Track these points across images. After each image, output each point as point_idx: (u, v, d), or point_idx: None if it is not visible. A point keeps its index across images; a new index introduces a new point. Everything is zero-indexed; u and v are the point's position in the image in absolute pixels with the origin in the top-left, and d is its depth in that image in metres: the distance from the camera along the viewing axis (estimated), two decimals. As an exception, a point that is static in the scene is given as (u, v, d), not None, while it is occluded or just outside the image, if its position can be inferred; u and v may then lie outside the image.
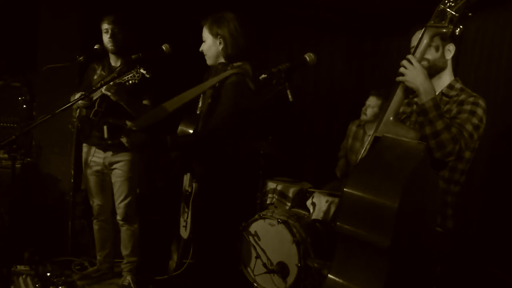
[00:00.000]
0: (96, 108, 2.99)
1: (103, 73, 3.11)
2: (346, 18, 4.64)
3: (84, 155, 3.24)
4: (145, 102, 3.07)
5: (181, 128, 2.54)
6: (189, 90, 2.39)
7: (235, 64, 2.42)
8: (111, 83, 2.78)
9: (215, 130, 2.28)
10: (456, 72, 2.05)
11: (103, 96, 2.89)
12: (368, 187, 1.61)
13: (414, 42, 2.07)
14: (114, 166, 3.14)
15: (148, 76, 2.70)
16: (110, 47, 3.06)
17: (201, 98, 2.54)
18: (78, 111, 3.14)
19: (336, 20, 4.68)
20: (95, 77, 3.14)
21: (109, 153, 3.12)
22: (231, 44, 2.40)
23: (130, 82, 2.71)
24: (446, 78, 2.02)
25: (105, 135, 2.97)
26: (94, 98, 2.96)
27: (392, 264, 1.57)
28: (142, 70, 2.66)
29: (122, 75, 2.76)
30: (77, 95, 2.95)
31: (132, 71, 2.69)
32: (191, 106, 2.54)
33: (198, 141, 2.37)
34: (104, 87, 2.80)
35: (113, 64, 3.14)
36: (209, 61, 2.50)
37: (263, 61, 4.62)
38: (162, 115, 2.40)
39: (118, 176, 3.14)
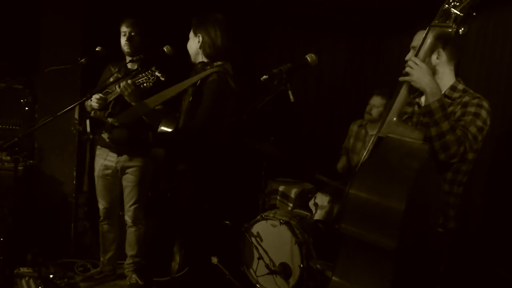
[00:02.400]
0: (110, 110, 2.96)
1: (119, 75, 3.05)
2: (347, 17, 4.63)
3: (96, 157, 3.23)
4: (158, 106, 3.04)
5: (161, 127, 2.56)
6: (170, 87, 2.44)
7: (215, 64, 2.48)
8: (129, 81, 2.68)
9: (197, 127, 2.32)
10: (458, 71, 2.03)
11: (118, 98, 2.85)
12: (373, 188, 1.60)
13: (415, 42, 2.06)
14: (126, 171, 3.14)
15: (163, 79, 2.61)
16: (126, 50, 3.05)
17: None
18: (92, 112, 3.13)
19: (337, 19, 4.68)
20: (111, 79, 3.08)
21: (123, 158, 3.10)
22: (208, 43, 2.49)
23: (145, 85, 2.64)
24: (447, 79, 1.99)
25: (88, 129, 2.97)
26: (109, 100, 2.94)
27: (397, 266, 1.56)
28: (157, 73, 2.60)
29: (136, 76, 2.70)
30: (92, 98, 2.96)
31: (147, 72, 2.63)
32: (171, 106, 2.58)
33: (180, 138, 2.40)
34: (122, 85, 2.73)
35: (129, 67, 3.11)
36: (191, 58, 2.59)
37: (264, 61, 4.63)
38: (144, 111, 2.44)
39: (129, 181, 3.15)
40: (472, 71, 3.44)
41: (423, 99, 2.06)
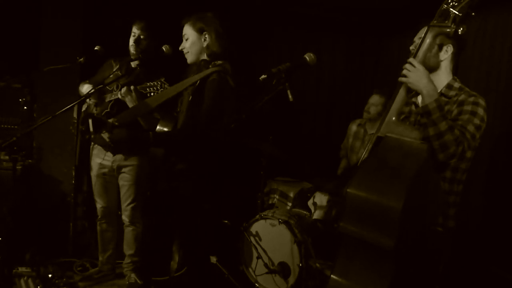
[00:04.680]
0: (108, 110, 2.95)
1: (119, 73, 3.04)
2: (347, 17, 4.64)
3: (93, 156, 3.22)
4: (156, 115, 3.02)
5: (159, 127, 2.55)
6: (171, 87, 2.44)
7: (216, 63, 2.48)
8: (132, 87, 2.67)
9: (197, 127, 2.32)
10: (457, 71, 2.04)
11: (118, 99, 2.83)
12: (372, 188, 1.60)
13: (415, 38, 2.07)
14: (122, 170, 3.13)
15: None
16: (132, 51, 3.03)
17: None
18: (85, 106, 3.11)
19: (337, 19, 4.68)
20: (111, 75, 3.05)
21: (119, 157, 3.10)
22: (215, 41, 2.46)
23: (152, 94, 2.59)
24: (444, 78, 2.00)
25: (91, 128, 2.97)
26: (107, 100, 2.93)
27: (396, 265, 1.57)
28: (167, 86, 2.56)
29: (140, 82, 2.66)
30: (85, 87, 2.93)
31: (156, 83, 2.60)
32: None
33: (180, 137, 2.40)
34: (123, 91, 2.70)
35: (132, 66, 3.06)
36: (190, 58, 2.54)
37: (263, 61, 4.63)
38: (145, 111, 2.43)
39: (126, 180, 3.14)
40: (471, 71, 3.44)
41: (419, 98, 2.07)
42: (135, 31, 3.02)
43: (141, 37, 3.01)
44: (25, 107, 3.60)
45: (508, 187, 3.08)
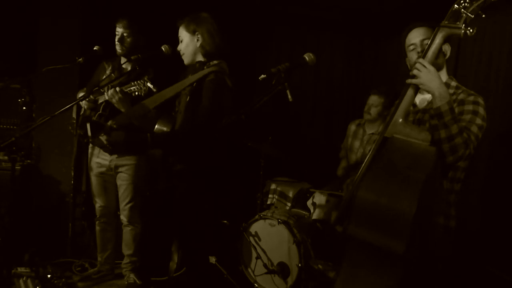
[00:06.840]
0: (100, 111, 2.96)
1: (112, 74, 3.07)
2: (346, 17, 4.64)
3: (89, 156, 3.23)
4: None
5: (157, 127, 2.56)
6: (168, 88, 2.43)
7: (211, 63, 2.49)
8: (117, 89, 2.62)
9: (196, 127, 2.32)
10: (456, 72, 2.05)
11: (108, 101, 2.81)
12: (383, 191, 1.57)
13: (413, 40, 2.06)
14: (119, 170, 3.14)
15: (155, 90, 2.56)
16: (118, 50, 3.06)
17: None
18: (82, 110, 3.12)
19: (336, 20, 4.68)
20: (104, 76, 3.09)
21: (115, 156, 3.11)
22: (208, 40, 2.48)
23: (136, 93, 2.60)
24: (443, 78, 2.01)
25: (89, 133, 2.97)
26: (100, 102, 2.94)
27: (404, 269, 1.55)
28: (149, 84, 2.55)
29: (128, 82, 2.65)
30: (81, 94, 2.94)
31: (139, 82, 2.58)
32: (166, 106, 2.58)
33: (179, 138, 2.40)
34: (109, 92, 2.66)
35: (124, 67, 3.12)
36: (187, 60, 2.56)
37: (262, 61, 4.63)
38: (142, 112, 2.43)
39: (123, 179, 3.14)
40: (470, 72, 3.44)
41: (417, 99, 2.06)
42: (118, 30, 3.04)
43: (124, 34, 3.02)
44: (24, 108, 3.60)
45: (507, 188, 3.08)
